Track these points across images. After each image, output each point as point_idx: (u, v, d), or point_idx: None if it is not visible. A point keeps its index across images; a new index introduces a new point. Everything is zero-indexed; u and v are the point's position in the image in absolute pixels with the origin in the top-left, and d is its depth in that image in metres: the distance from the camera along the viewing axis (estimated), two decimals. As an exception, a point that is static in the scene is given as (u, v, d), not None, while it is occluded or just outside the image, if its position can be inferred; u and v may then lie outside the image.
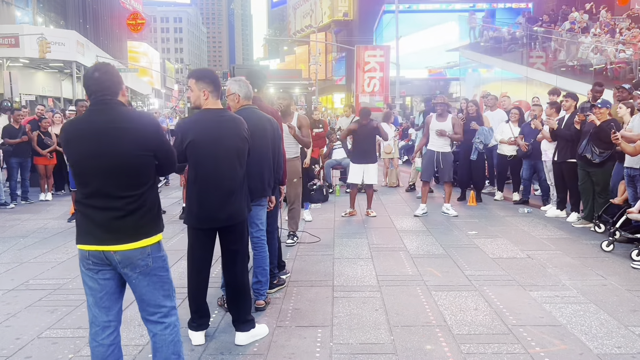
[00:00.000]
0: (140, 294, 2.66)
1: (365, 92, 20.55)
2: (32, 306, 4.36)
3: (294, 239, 6.33)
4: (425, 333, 3.76)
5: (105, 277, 2.62)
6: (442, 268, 5.32)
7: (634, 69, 12.95)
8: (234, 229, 3.52)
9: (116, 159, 2.53)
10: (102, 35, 44.68)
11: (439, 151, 7.97)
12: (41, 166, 9.88)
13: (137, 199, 2.58)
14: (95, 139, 2.53)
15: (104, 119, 2.56)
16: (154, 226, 2.65)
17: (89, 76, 2.62)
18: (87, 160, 2.54)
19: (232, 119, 3.51)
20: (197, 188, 3.42)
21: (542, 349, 3.49)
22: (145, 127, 2.61)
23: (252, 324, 3.63)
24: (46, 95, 32.10)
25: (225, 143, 3.40)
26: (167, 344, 2.70)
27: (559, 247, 6.08)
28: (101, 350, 2.67)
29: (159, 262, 2.67)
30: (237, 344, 3.56)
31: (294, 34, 61.82)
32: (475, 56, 24.68)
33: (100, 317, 2.66)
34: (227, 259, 3.61)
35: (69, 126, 2.66)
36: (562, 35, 17.69)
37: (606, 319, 3.97)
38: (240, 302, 3.61)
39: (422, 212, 8.00)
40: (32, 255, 5.95)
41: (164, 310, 2.70)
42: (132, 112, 2.68)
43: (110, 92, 2.60)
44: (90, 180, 2.55)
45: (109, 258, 2.57)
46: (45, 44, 22.94)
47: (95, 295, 2.64)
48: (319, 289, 4.74)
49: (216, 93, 3.44)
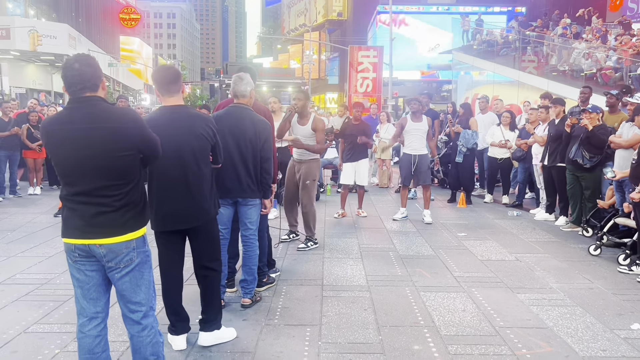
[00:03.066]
0: (122, 289, 2.65)
1: (358, 92, 20.59)
2: (18, 300, 4.33)
3: (307, 244, 6.08)
4: (413, 333, 3.77)
5: (92, 269, 2.62)
6: (431, 269, 5.35)
7: (624, 75, 13.07)
8: (197, 230, 3.40)
9: (100, 161, 2.49)
10: (95, 29, 44.38)
11: (416, 154, 7.60)
12: (30, 160, 9.80)
13: (124, 196, 2.57)
14: (78, 140, 2.47)
15: (86, 119, 2.49)
16: (139, 220, 2.65)
17: (69, 67, 2.52)
18: (71, 161, 2.51)
19: (187, 116, 3.33)
20: (152, 188, 3.30)
21: (529, 351, 3.52)
22: (129, 126, 2.56)
23: (217, 325, 3.54)
24: (36, 88, 31.84)
25: (176, 141, 3.22)
26: (145, 346, 2.71)
27: (547, 251, 6.13)
28: (88, 341, 2.67)
29: (142, 256, 2.67)
30: (200, 344, 3.49)
31: (287, 33, 61.79)
32: (468, 59, 24.80)
33: (88, 309, 2.66)
34: (195, 259, 3.53)
35: (48, 125, 2.58)
36: (555, 40, 17.84)
37: (592, 322, 4.01)
38: (207, 302, 3.53)
39: (401, 216, 7.74)
40: (20, 250, 5.90)
41: (143, 310, 2.70)
42: (114, 110, 2.62)
43: (91, 84, 2.53)
44: (75, 180, 2.53)
45: (93, 251, 2.56)
46: (37, 37, 22.78)
47: (82, 287, 2.64)
48: (308, 288, 4.74)
49: (165, 89, 3.28)
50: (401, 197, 7.96)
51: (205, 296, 3.53)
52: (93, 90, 2.55)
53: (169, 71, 3.38)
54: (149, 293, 2.72)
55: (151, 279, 2.74)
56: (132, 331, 2.71)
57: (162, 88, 3.30)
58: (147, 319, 2.71)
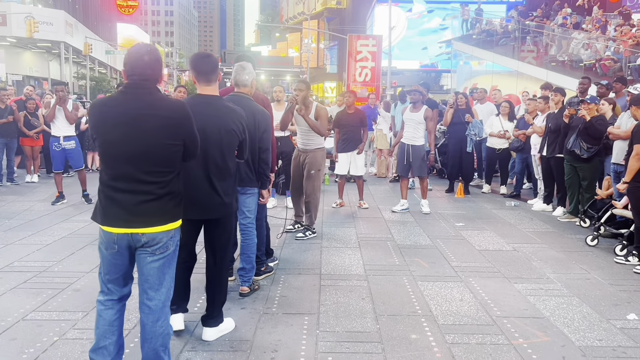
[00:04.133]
0: (148, 274, 2.67)
1: (356, 82, 20.50)
2: (17, 288, 4.33)
3: (305, 233, 6.08)
4: (410, 322, 3.79)
5: (123, 263, 2.67)
6: (429, 259, 5.36)
7: (623, 66, 13.03)
8: (214, 222, 3.41)
9: (146, 147, 2.53)
10: (92, 16, 44.04)
11: (409, 144, 7.52)
12: (28, 147, 9.77)
13: (166, 185, 2.61)
14: (130, 124, 2.51)
15: (140, 105, 2.54)
16: (179, 211, 2.70)
17: (139, 57, 2.58)
18: (119, 144, 2.53)
19: (221, 109, 3.28)
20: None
21: (525, 341, 3.54)
22: (179, 117, 2.61)
23: (221, 319, 3.52)
24: (33, 75, 31.66)
25: (205, 133, 3.10)
26: (157, 336, 2.72)
27: (545, 241, 6.15)
28: (110, 313, 2.72)
29: (175, 246, 2.72)
30: (205, 339, 3.44)
31: (286, 21, 61.43)
32: (467, 48, 24.73)
33: (114, 290, 2.72)
34: (208, 253, 3.52)
35: (101, 106, 2.62)
36: (555, 30, 17.76)
37: (588, 312, 4.04)
38: (214, 299, 3.49)
39: (401, 208, 7.61)
40: (17, 237, 5.90)
41: (162, 299, 2.71)
42: (170, 101, 2.67)
43: (154, 78, 2.61)
44: (118, 163, 2.56)
45: (135, 240, 2.60)
46: (33, 23, 22.61)
47: (111, 274, 2.69)
48: (306, 277, 4.75)
49: (204, 78, 3.28)
50: (401, 189, 7.81)
51: (213, 292, 3.49)
52: (154, 83, 2.63)
53: (209, 59, 3.35)
54: (171, 284, 2.75)
55: (174, 270, 2.77)
56: (146, 320, 2.71)
57: (200, 76, 3.30)
58: (163, 309, 2.73)
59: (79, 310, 3.86)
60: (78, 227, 6.34)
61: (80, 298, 4.10)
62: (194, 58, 3.39)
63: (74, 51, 32.65)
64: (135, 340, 3.38)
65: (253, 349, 3.34)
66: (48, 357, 3.19)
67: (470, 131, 9.03)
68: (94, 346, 2.72)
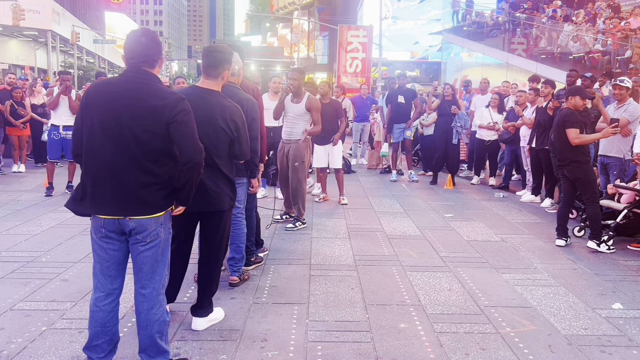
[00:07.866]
0: (141, 263, 2.67)
1: (347, 73, 20.47)
2: (4, 278, 4.30)
3: (295, 224, 6.06)
4: (399, 312, 3.82)
5: (114, 248, 2.66)
6: (418, 249, 5.40)
7: (611, 58, 13.13)
8: (208, 216, 3.43)
9: (135, 133, 2.52)
10: (79, 4, 43.36)
11: None
12: (14, 137, 9.65)
13: (155, 174, 2.58)
14: (123, 107, 2.51)
15: (137, 91, 2.54)
16: (169, 200, 2.68)
17: (136, 40, 2.59)
18: (109, 125, 2.52)
19: (214, 104, 3.25)
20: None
21: (513, 329, 3.58)
22: (173, 107, 2.57)
23: (210, 309, 3.52)
24: (20, 64, 31.22)
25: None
26: (152, 323, 2.73)
27: (532, 232, 6.21)
28: (102, 315, 2.71)
29: (166, 233, 2.71)
30: (195, 329, 3.45)
31: (276, 11, 60.96)
32: (458, 40, 24.72)
33: (105, 285, 2.71)
34: (201, 246, 3.58)
35: (102, 85, 2.64)
36: (544, 22, 17.81)
37: (574, 302, 4.09)
38: (205, 289, 3.50)
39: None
40: (4, 227, 5.84)
41: (157, 287, 2.71)
42: (167, 92, 2.62)
43: (151, 60, 2.60)
44: (107, 150, 2.54)
45: (122, 226, 2.59)
46: (19, 11, 22.23)
47: (102, 264, 2.69)
48: (296, 267, 4.77)
49: (204, 71, 3.30)
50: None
51: (204, 284, 3.50)
52: (151, 66, 2.63)
53: (215, 54, 3.33)
54: (164, 272, 2.75)
55: (168, 257, 2.77)
56: (141, 308, 2.72)
57: (203, 68, 3.32)
58: (158, 297, 2.73)
59: (68, 300, 3.85)
60: (66, 217, 6.29)
61: (68, 288, 4.08)
62: (204, 49, 3.43)
63: (61, 40, 32.20)
64: (129, 325, 3.38)
65: (243, 339, 3.35)
66: (36, 347, 3.18)
67: (456, 123, 9.06)
68: (88, 344, 2.74)
